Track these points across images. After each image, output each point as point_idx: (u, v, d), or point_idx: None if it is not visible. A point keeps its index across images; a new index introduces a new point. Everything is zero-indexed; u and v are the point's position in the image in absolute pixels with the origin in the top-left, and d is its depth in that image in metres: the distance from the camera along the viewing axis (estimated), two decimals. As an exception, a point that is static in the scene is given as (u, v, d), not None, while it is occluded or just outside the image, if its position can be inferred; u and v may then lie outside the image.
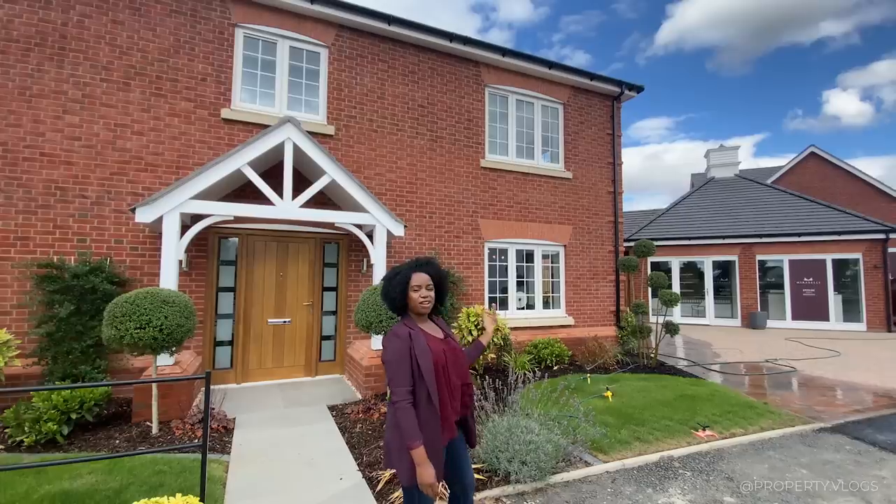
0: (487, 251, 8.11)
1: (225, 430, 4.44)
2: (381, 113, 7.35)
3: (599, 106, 9.60)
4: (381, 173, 7.27)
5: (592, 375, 6.73)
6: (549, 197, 8.76)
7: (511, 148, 8.55)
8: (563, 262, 8.89)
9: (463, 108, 8.03)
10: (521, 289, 8.47)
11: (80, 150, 5.65)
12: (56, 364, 5.04)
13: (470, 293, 7.73)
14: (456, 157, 7.89)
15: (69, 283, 5.19)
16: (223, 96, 6.40)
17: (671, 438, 4.41)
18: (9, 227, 5.28)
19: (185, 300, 4.42)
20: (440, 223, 7.67)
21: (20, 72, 5.41)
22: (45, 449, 3.91)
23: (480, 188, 8.06)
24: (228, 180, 5.74)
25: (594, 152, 9.41)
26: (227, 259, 6.47)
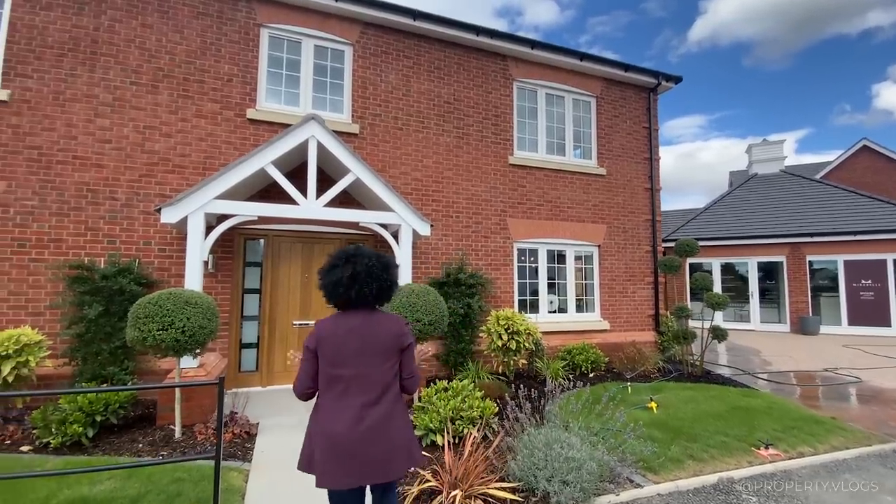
0: (516, 252, 7.77)
1: (247, 435, 4.29)
2: (407, 110, 7.17)
3: (634, 99, 9.13)
4: (406, 172, 7.07)
5: (632, 384, 6.28)
6: (581, 195, 8.35)
7: (541, 144, 8.20)
8: (597, 262, 8.45)
9: (490, 103, 7.76)
10: (553, 291, 8.08)
11: (111, 152, 5.70)
12: (86, 365, 5.05)
13: (499, 295, 7.42)
14: (483, 154, 7.61)
15: (98, 285, 5.21)
16: (248, 97, 6.36)
17: (729, 457, 3.96)
18: (43, 228, 5.36)
19: (207, 301, 4.31)
20: (467, 223, 7.40)
21: (54, 77, 5.51)
22: (70, 451, 3.86)
23: (509, 186, 7.74)
24: (253, 181, 5.66)
25: (629, 147, 8.94)
26: (253, 260, 6.41)
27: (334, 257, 2.11)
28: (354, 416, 1.91)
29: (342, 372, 1.96)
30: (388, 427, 1.96)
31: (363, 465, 1.88)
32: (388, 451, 1.93)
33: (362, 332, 2.01)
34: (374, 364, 1.99)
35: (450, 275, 6.76)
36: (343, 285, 2.02)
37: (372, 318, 2.07)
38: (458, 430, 3.81)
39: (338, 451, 1.87)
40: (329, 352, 1.97)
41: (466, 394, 4.13)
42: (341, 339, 1.98)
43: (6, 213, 5.22)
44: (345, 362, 1.96)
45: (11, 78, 5.34)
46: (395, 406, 2.04)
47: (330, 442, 1.89)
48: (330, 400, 1.96)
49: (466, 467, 3.06)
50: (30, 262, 5.27)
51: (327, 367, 1.97)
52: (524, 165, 7.88)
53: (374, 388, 1.97)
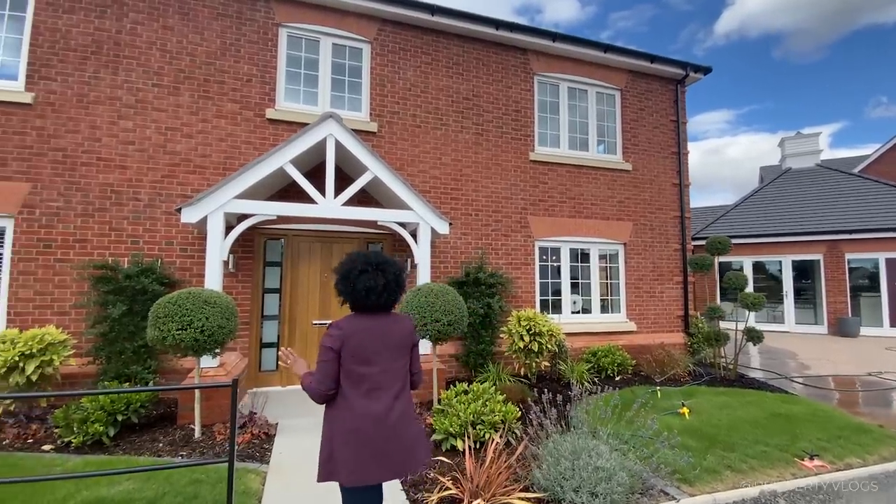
0: (538, 250, 7.57)
1: (266, 436, 4.24)
2: (425, 107, 7.05)
3: (661, 91, 8.79)
4: (424, 170, 6.96)
5: (662, 388, 6.01)
6: (605, 191, 8.08)
7: (563, 139, 7.97)
8: (622, 261, 8.16)
9: (510, 98, 7.57)
10: (576, 291, 7.84)
11: (134, 153, 5.77)
12: (110, 364, 5.10)
13: (520, 295, 7.23)
14: (503, 150, 7.43)
15: (122, 284, 5.26)
16: (268, 97, 6.35)
17: (770, 468, 3.70)
18: (68, 229, 5.45)
19: (226, 301, 4.28)
20: (486, 221, 7.23)
21: (78, 79, 5.60)
22: (91, 450, 3.88)
23: (530, 183, 7.54)
24: (272, 181, 5.64)
25: (656, 141, 8.62)
26: (273, 260, 6.40)
27: (362, 262, 2.13)
28: (385, 410, 1.99)
29: (368, 370, 2.02)
30: (410, 419, 2.08)
31: (395, 456, 1.95)
32: (413, 442, 2.04)
33: (382, 331, 2.09)
34: (394, 360, 2.09)
35: (469, 274, 6.61)
36: (376, 292, 2.09)
37: (388, 319, 2.16)
38: (480, 434, 3.66)
39: (373, 447, 1.92)
40: (355, 350, 2.02)
41: (488, 397, 3.97)
42: (365, 338, 2.04)
43: (32, 214, 5.33)
44: (370, 360, 2.03)
45: (35, 81, 5.45)
46: (411, 400, 2.16)
47: (365, 440, 1.93)
48: (357, 397, 2.00)
49: (489, 475, 2.91)
50: (55, 263, 5.36)
51: (353, 366, 2.01)
52: (546, 161, 7.66)
53: (396, 383, 2.08)
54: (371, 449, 1.93)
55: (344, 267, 2.15)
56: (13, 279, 5.21)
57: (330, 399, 2.07)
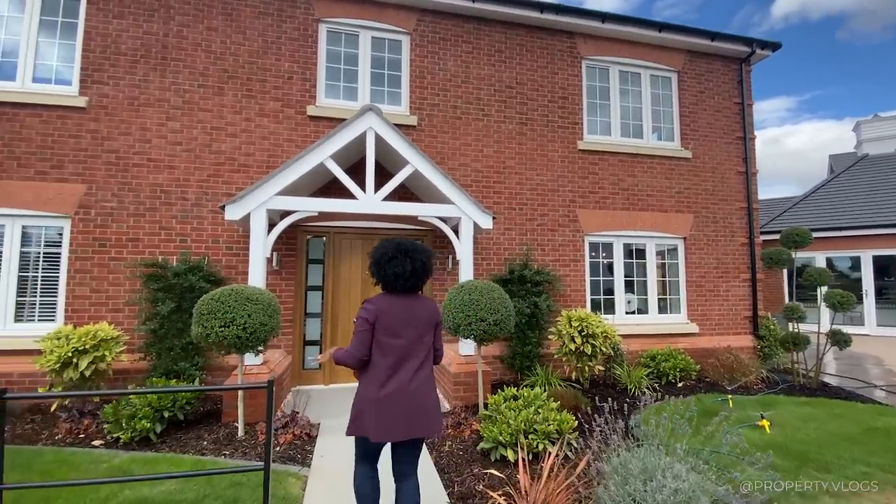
0: (588, 246, 7.09)
1: (307, 437, 4.11)
2: (466, 98, 6.77)
3: (723, 71, 8.06)
4: (465, 163, 6.68)
5: (734, 397, 5.40)
6: (662, 181, 7.48)
7: (614, 126, 7.44)
8: (682, 257, 7.53)
9: (556, 85, 7.15)
10: (631, 290, 7.30)
11: (181, 154, 5.86)
12: (160, 360, 5.19)
13: (569, 294, 6.79)
14: (549, 140, 7.02)
15: (171, 282, 5.34)
16: (308, 93, 6.30)
17: (878, 494, 3.13)
18: (122, 228, 5.61)
19: (268, 298, 4.20)
20: (531, 215, 6.85)
21: (128, 83, 5.76)
22: (139, 446, 3.89)
23: (578, 174, 7.09)
24: (313, 177, 5.57)
25: (718, 126, 7.90)
26: (316, 258, 6.36)
27: (392, 249, 2.39)
28: (408, 378, 2.26)
29: (397, 342, 2.29)
30: (429, 388, 2.35)
31: (414, 420, 2.22)
32: (430, 408, 2.31)
33: (410, 310, 2.37)
34: (418, 336, 2.36)
35: (514, 271, 6.27)
36: (404, 277, 2.36)
37: (415, 299, 2.44)
38: (532, 445, 3.34)
39: (398, 406, 2.20)
40: (386, 324, 2.29)
41: (540, 404, 3.64)
42: (396, 314, 2.33)
43: (88, 214, 5.52)
44: (398, 333, 2.30)
45: (88, 85, 5.64)
46: (431, 373, 2.41)
47: (390, 401, 2.20)
48: (385, 365, 2.27)
49: (546, 493, 2.59)
50: (110, 261, 5.52)
51: (383, 337, 2.29)
52: (596, 150, 7.18)
53: (420, 356, 2.35)
54: (394, 411, 2.20)
55: (377, 253, 2.41)
56: (70, 277, 5.41)
57: (364, 365, 2.35)
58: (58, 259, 5.51)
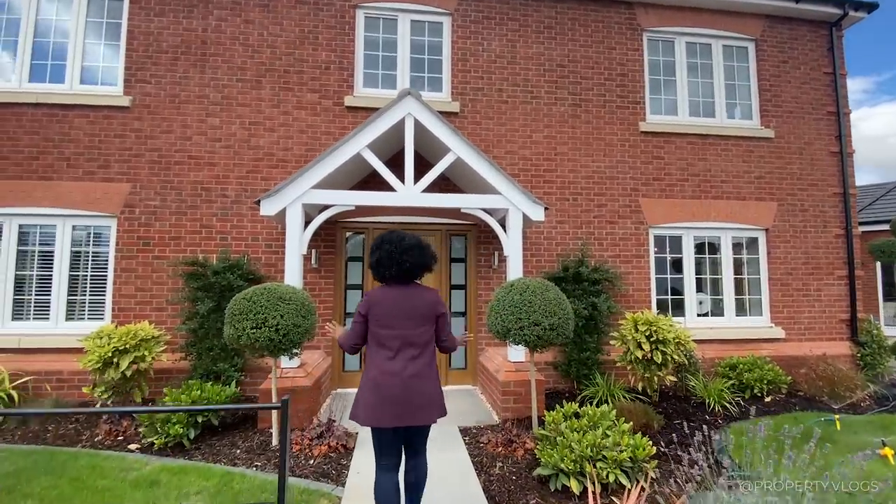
0: (653, 239, 6.34)
1: (344, 449, 3.78)
2: (512, 80, 6.23)
3: (809, 38, 6.99)
4: (512, 150, 6.14)
5: (840, 416, 4.52)
6: (739, 165, 6.57)
7: (682, 104, 6.62)
8: (764, 251, 6.58)
9: (613, 61, 6.44)
10: (702, 289, 6.46)
11: (220, 150, 5.76)
12: (199, 360, 5.08)
13: (631, 294, 6.08)
14: (606, 122, 6.34)
15: (210, 281, 5.23)
16: (346, 83, 6.02)
17: None
18: (164, 227, 5.57)
19: (302, 298, 3.90)
20: (587, 206, 6.21)
21: (170, 80, 5.72)
22: (172, 452, 3.73)
23: (641, 159, 6.35)
24: (351, 171, 5.27)
25: (805, 101, 6.85)
26: (355, 255, 6.08)
27: (379, 239, 2.48)
28: (400, 368, 2.29)
29: (390, 332, 2.34)
30: (426, 379, 2.34)
31: (405, 408, 2.24)
32: (424, 399, 2.29)
33: (404, 300, 2.38)
34: (414, 327, 2.36)
35: (568, 268, 5.67)
36: (386, 266, 2.41)
37: (412, 289, 2.45)
38: (602, 474, 2.79)
39: (386, 396, 2.24)
40: (378, 316, 2.35)
41: (608, 424, 3.07)
42: (388, 306, 2.37)
43: (132, 213, 5.52)
44: (391, 324, 2.34)
45: (132, 84, 5.65)
46: (431, 363, 2.41)
47: (380, 389, 2.25)
48: (381, 356, 2.33)
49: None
50: (153, 260, 5.50)
51: (377, 328, 2.35)
52: (660, 132, 6.40)
53: (415, 347, 2.35)
54: (385, 399, 2.24)
55: (373, 244, 2.50)
56: (117, 276, 5.44)
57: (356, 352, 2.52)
58: (106, 258, 5.56)
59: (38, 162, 5.49)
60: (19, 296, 5.43)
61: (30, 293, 5.43)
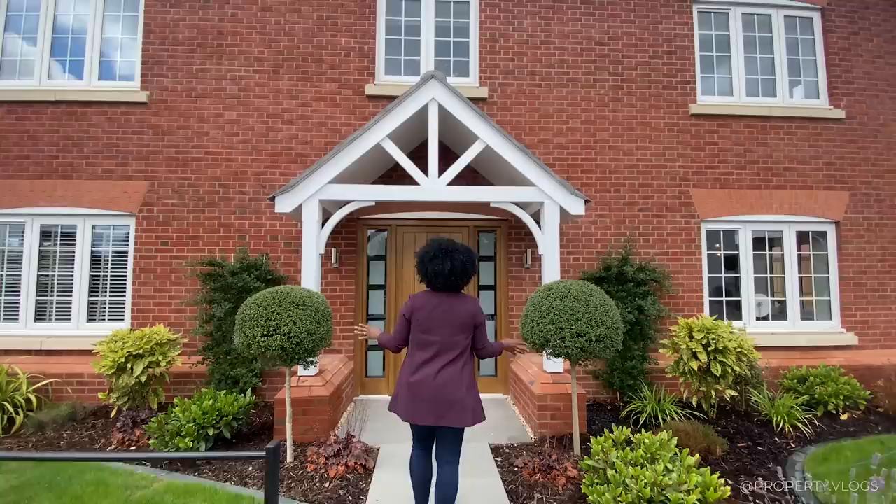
0: (705, 234, 5.70)
1: (363, 469, 3.43)
2: (546, 61, 5.71)
3: (882, 6, 6.15)
4: (547, 138, 5.64)
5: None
6: (805, 150, 5.83)
7: (737, 83, 5.93)
8: (833, 247, 5.83)
9: (660, 37, 5.81)
10: (762, 289, 5.78)
11: (238, 145, 5.52)
12: (217, 364, 4.86)
13: (680, 295, 5.49)
14: (652, 105, 5.73)
15: (228, 282, 5.01)
16: (367, 70, 5.66)
17: None
18: (182, 226, 5.39)
19: (317, 302, 3.57)
20: (631, 198, 5.63)
21: (186, 74, 5.51)
22: (182, 467, 3.48)
23: (691, 145, 5.71)
24: (371, 163, 4.93)
25: (879, 76, 6.02)
26: (377, 254, 5.74)
27: (434, 249, 2.54)
28: (434, 372, 2.42)
29: (430, 337, 2.48)
30: (459, 384, 2.43)
31: (435, 410, 2.37)
32: (455, 403, 2.39)
33: (446, 308, 2.50)
34: (452, 334, 2.48)
35: (610, 268, 5.14)
36: (443, 276, 2.50)
37: (454, 298, 2.55)
38: (664, 521, 2.32)
39: (417, 397, 2.40)
40: (420, 320, 2.49)
41: (669, 456, 2.58)
42: (430, 312, 2.49)
43: (150, 212, 5.35)
44: (431, 329, 2.48)
45: (149, 79, 5.46)
46: (465, 369, 2.50)
47: (412, 390, 2.42)
48: (418, 358, 2.47)
49: None
50: (172, 260, 5.33)
51: (417, 332, 2.50)
52: (714, 114, 5.74)
53: (452, 353, 2.47)
54: (419, 398, 2.38)
55: (421, 252, 2.57)
56: (136, 277, 5.29)
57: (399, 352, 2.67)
58: (125, 259, 5.42)
59: (57, 160, 5.40)
60: (42, 297, 5.37)
61: (51, 294, 5.36)
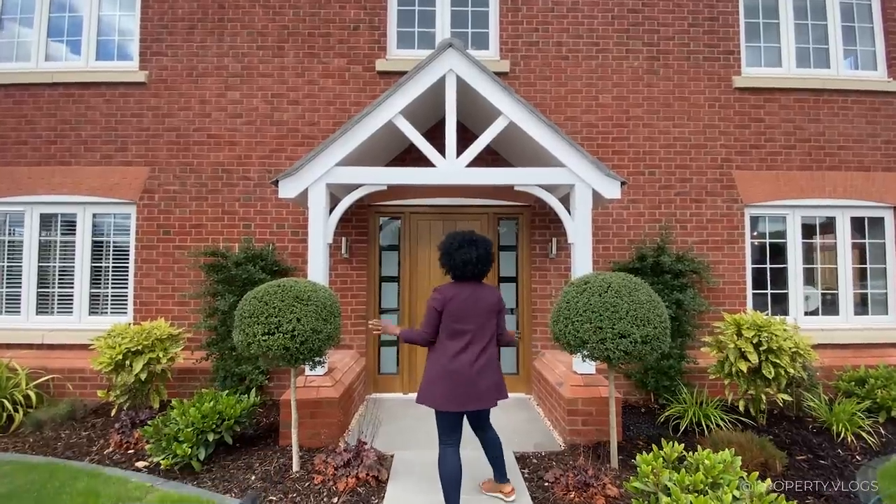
0: (749, 221, 5.20)
1: (375, 482, 3.10)
2: (574, 31, 5.22)
3: (956, -39, 5.44)
4: (574, 116, 5.17)
5: None
6: (861, 127, 5.25)
7: (787, 53, 5.35)
8: (892, 235, 5.28)
9: (700, 3, 5.26)
10: (811, 281, 5.27)
11: (242, 127, 5.19)
12: (222, 361, 4.60)
13: (721, 288, 5.02)
14: (691, 78, 5.20)
15: (232, 273, 4.71)
16: (377, 44, 5.25)
17: None
18: (185, 214, 5.11)
19: (323, 296, 3.23)
20: (667, 181, 5.15)
21: (186, 52, 5.17)
22: (181, 474, 3.21)
23: (735, 122, 5.18)
24: (383, 144, 4.56)
25: (953, 41, 5.37)
26: (390, 244, 5.38)
27: (459, 239, 2.67)
28: (473, 358, 2.55)
29: (464, 326, 2.58)
30: (493, 369, 2.62)
31: (477, 393, 2.51)
32: (492, 384, 2.58)
33: (476, 297, 2.63)
34: (483, 321, 2.62)
35: (645, 258, 4.70)
36: (472, 264, 2.62)
37: (479, 287, 2.69)
38: (733, 561, 1.93)
39: (462, 382, 2.50)
40: (453, 311, 2.58)
41: (733, 481, 2.18)
42: (462, 302, 2.59)
43: (152, 199, 5.08)
44: (465, 319, 2.58)
45: (148, 58, 5.15)
46: (494, 353, 2.68)
47: (453, 377, 2.50)
48: (453, 347, 2.56)
49: None
50: (174, 250, 5.06)
51: (450, 322, 2.58)
52: (760, 88, 5.19)
53: (484, 339, 2.62)
54: (458, 386, 2.50)
55: (446, 243, 2.71)
56: (138, 268, 5.04)
57: (432, 344, 2.66)
58: (127, 248, 5.17)
59: (55, 146, 5.14)
60: (43, 289, 5.16)
61: (53, 286, 5.15)
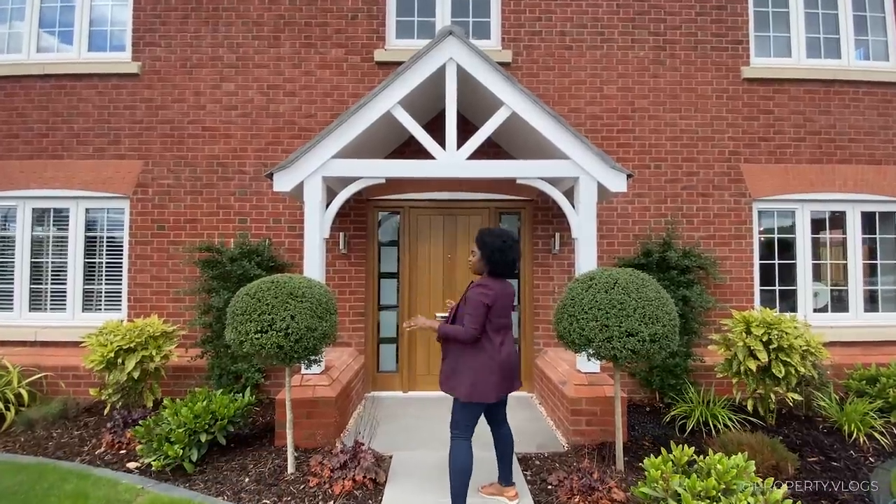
0: (757, 215, 5.07)
1: (372, 484, 3.00)
2: (578, 20, 5.07)
3: (971, -51, 5.28)
4: (577, 108, 5.04)
5: None
6: (873, 119, 5.11)
7: (797, 43, 5.20)
8: (906, 229, 5.15)
9: (708, -10, 5.11)
10: (819, 278, 5.15)
11: (237, 119, 5.07)
12: (218, 358, 4.50)
13: (728, 284, 4.90)
14: (698, 68, 5.05)
15: (227, 269, 4.61)
16: (376, 34, 5.12)
17: None
18: (179, 208, 5.00)
19: (318, 293, 3.12)
20: (673, 174, 5.02)
21: (180, 42, 5.05)
22: (173, 476, 3.12)
23: (743, 114, 5.04)
24: (381, 137, 4.44)
25: (968, 31, 5.21)
26: (389, 239, 5.27)
27: (509, 237, 2.69)
28: (511, 349, 2.68)
29: (504, 320, 2.68)
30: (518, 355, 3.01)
31: (511, 382, 2.67)
32: (519, 374, 2.77)
33: (506, 291, 2.69)
34: (510, 315, 2.73)
35: (651, 253, 4.58)
36: (517, 262, 2.73)
37: (507, 283, 2.73)
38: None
39: (508, 373, 2.63)
40: (499, 306, 2.62)
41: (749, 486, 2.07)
42: (502, 297, 2.65)
43: (145, 193, 4.97)
44: (502, 313, 2.66)
45: (141, 48, 5.02)
46: None
47: (506, 368, 2.61)
48: (496, 341, 2.62)
49: None
50: (168, 245, 4.95)
51: (494, 317, 2.62)
52: (769, 79, 5.04)
53: (509, 331, 2.73)
54: (506, 376, 2.61)
55: (496, 242, 2.65)
56: (132, 264, 4.94)
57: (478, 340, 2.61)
58: (120, 244, 5.07)
59: (47, 139, 5.03)
60: (36, 285, 5.06)
61: (46, 283, 5.05)
